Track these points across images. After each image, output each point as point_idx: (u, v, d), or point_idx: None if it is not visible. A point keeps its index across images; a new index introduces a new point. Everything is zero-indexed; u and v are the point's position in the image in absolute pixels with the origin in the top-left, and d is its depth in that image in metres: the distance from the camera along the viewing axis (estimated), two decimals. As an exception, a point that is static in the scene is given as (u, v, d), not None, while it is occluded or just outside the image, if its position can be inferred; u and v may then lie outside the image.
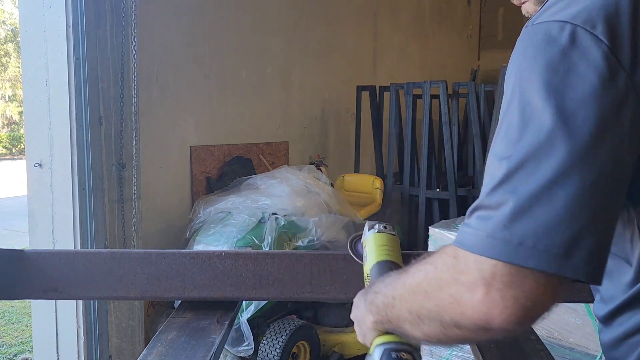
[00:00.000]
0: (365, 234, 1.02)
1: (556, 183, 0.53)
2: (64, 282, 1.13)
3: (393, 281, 0.71)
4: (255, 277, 1.15)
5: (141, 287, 1.14)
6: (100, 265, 1.14)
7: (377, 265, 0.93)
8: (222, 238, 2.80)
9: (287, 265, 1.16)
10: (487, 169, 0.60)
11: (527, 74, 0.57)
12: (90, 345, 2.52)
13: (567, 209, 0.53)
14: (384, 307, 0.70)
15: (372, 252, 0.96)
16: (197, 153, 3.52)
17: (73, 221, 2.46)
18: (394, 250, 0.97)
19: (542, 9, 0.61)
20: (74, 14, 2.38)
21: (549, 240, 0.53)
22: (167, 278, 1.14)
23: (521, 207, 0.54)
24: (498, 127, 0.61)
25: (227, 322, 1.15)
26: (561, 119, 0.54)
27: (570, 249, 0.53)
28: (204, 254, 1.16)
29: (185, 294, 1.15)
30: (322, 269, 1.16)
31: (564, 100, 0.54)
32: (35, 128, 2.58)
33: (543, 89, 0.55)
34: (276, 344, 2.68)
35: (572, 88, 0.54)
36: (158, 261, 1.14)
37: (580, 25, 0.55)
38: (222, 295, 1.15)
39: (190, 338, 1.08)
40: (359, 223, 3.38)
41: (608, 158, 0.54)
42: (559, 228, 0.53)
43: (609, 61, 0.54)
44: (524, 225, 0.54)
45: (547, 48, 0.56)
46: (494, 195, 0.57)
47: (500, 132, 0.60)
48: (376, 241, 0.97)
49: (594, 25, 0.55)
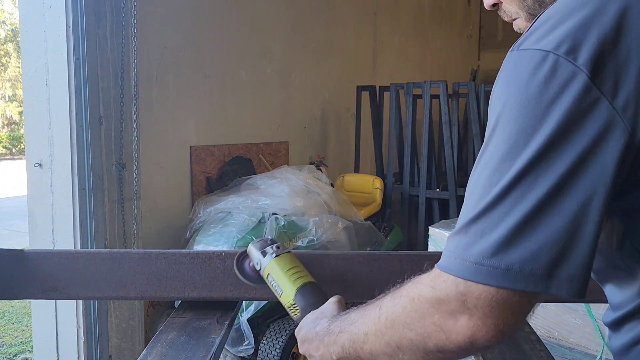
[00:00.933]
0: (262, 261, 0.94)
1: (540, 213, 0.56)
2: (64, 282, 1.13)
3: (360, 317, 0.73)
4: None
5: (141, 287, 1.14)
6: (100, 265, 1.14)
7: (299, 292, 0.89)
8: (222, 238, 2.81)
9: None
10: (469, 192, 0.62)
11: (510, 104, 0.59)
12: (90, 345, 2.52)
13: (552, 235, 0.56)
14: (352, 344, 0.72)
15: (284, 279, 0.90)
16: (197, 153, 3.52)
17: (73, 221, 2.46)
18: (302, 268, 0.92)
19: (529, 29, 0.62)
20: (74, 14, 2.38)
21: (534, 264, 0.56)
22: (167, 278, 1.14)
23: (508, 236, 0.56)
24: (481, 152, 0.62)
25: (227, 322, 1.15)
26: (544, 151, 0.56)
27: (553, 270, 0.56)
28: (203, 254, 1.16)
29: (185, 294, 1.15)
30: (321, 268, 1.16)
31: (548, 133, 0.56)
32: (35, 128, 2.58)
33: (526, 121, 0.57)
34: (276, 344, 2.68)
35: (555, 120, 0.56)
36: (158, 261, 1.15)
37: (562, 55, 0.56)
38: (222, 296, 1.15)
39: (190, 338, 1.08)
40: (360, 223, 3.38)
41: (591, 187, 0.56)
42: (543, 252, 0.56)
43: (589, 91, 0.55)
44: (511, 252, 0.56)
45: (531, 79, 0.57)
46: (479, 223, 0.58)
47: (483, 158, 0.61)
48: (281, 266, 0.92)
49: (575, 55, 0.56)
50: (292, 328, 2.74)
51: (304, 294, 0.89)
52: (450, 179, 4.12)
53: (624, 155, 0.56)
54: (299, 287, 0.89)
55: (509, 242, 0.56)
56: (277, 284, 0.92)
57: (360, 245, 3.28)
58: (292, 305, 0.90)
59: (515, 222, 0.56)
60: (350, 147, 4.79)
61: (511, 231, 0.56)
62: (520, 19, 0.76)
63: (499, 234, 0.57)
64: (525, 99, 0.57)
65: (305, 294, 0.89)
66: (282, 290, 0.91)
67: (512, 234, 0.56)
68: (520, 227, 0.56)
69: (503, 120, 0.59)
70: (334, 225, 3.05)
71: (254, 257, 0.97)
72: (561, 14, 0.59)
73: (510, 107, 0.59)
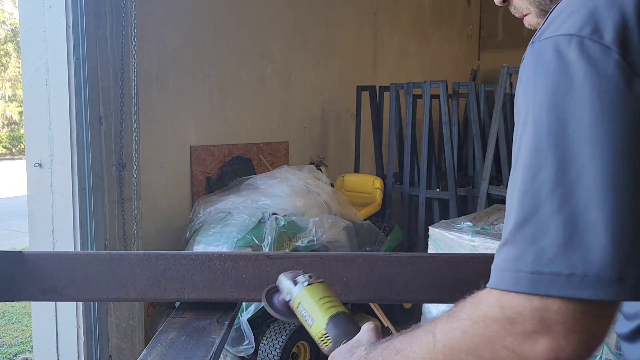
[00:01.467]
0: (292, 290, 0.90)
1: (593, 208, 0.50)
2: (63, 283, 1.13)
3: (407, 346, 0.63)
4: (255, 279, 1.15)
5: (141, 289, 1.14)
6: (100, 267, 1.13)
7: (331, 322, 0.83)
8: (222, 238, 2.80)
9: (287, 267, 1.16)
10: (509, 198, 0.56)
11: (540, 96, 0.55)
12: (90, 345, 2.51)
13: (611, 232, 0.49)
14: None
15: (315, 308, 0.86)
16: (197, 153, 3.52)
17: (73, 221, 2.45)
18: (335, 298, 0.88)
19: (545, 22, 0.59)
20: (74, 14, 2.38)
21: (599, 266, 0.49)
22: (167, 280, 1.14)
23: (565, 236, 0.50)
24: (515, 150, 0.58)
25: (227, 322, 1.15)
26: (584, 136, 0.51)
27: (623, 271, 0.49)
28: (203, 255, 1.16)
29: (185, 296, 1.15)
30: (321, 270, 1.16)
31: (582, 119, 0.52)
32: (35, 128, 2.58)
33: (560, 109, 0.53)
34: (276, 344, 2.68)
35: (589, 105, 0.52)
36: (157, 263, 1.14)
37: (587, 36, 0.53)
38: (222, 297, 1.15)
39: (190, 338, 1.08)
40: (360, 223, 3.38)
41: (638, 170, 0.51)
42: (606, 251, 0.49)
43: (623, 70, 0.52)
44: (570, 254, 0.50)
45: (558, 66, 0.54)
46: (526, 228, 0.52)
47: (521, 155, 0.56)
48: (313, 295, 0.87)
49: (601, 34, 0.53)
50: (292, 328, 2.73)
51: (336, 323, 0.82)
52: (450, 179, 4.12)
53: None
54: (331, 316, 0.84)
55: (567, 240, 0.50)
56: (307, 313, 0.86)
57: (360, 245, 3.28)
58: (323, 336, 0.83)
59: (568, 218, 0.50)
60: (350, 147, 4.79)
61: (568, 228, 0.50)
62: (532, 14, 0.74)
63: (555, 233, 0.50)
64: (556, 85, 0.53)
65: (337, 324, 0.82)
66: (313, 320, 0.85)
67: (569, 230, 0.50)
68: (575, 223, 0.50)
69: (534, 113, 0.55)
70: (334, 225, 3.04)
71: (285, 287, 0.92)
72: (576, 1, 0.57)
73: (540, 100, 0.54)
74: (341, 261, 1.17)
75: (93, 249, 2.47)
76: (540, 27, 0.60)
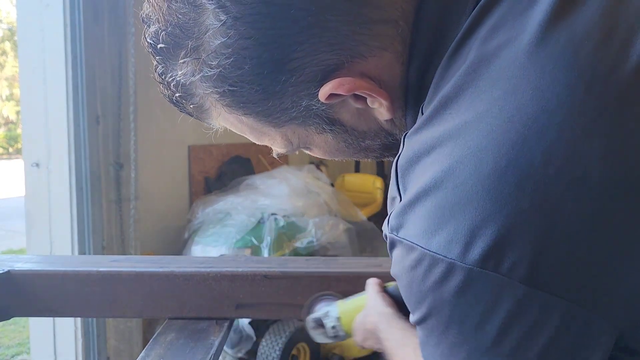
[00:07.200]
0: (329, 310, 0.92)
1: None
2: (58, 303, 1.11)
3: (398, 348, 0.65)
4: (253, 298, 1.14)
5: (137, 308, 1.12)
6: (92, 286, 1.12)
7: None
8: (220, 239, 2.79)
9: (286, 287, 1.14)
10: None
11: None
12: (88, 346, 2.50)
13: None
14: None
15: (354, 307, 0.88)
16: (195, 153, 3.50)
17: (70, 222, 2.44)
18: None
19: (404, 150, 0.44)
20: (71, 12, 2.36)
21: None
22: (163, 298, 1.13)
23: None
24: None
25: (226, 324, 1.13)
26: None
27: None
28: (198, 275, 1.14)
29: (183, 314, 1.14)
30: (321, 290, 1.14)
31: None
32: (32, 127, 2.56)
33: None
34: (276, 345, 2.67)
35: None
36: (151, 282, 1.13)
37: (476, 267, 0.36)
38: (221, 315, 1.14)
39: (189, 340, 1.06)
40: (362, 223, 3.36)
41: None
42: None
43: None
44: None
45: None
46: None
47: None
48: (356, 306, 0.88)
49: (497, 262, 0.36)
50: (292, 330, 2.72)
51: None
52: (450, 179, 4.11)
53: None
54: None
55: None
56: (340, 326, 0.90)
57: (362, 247, 3.27)
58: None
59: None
60: (349, 147, 4.78)
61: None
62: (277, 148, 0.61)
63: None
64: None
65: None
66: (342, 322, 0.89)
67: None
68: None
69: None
70: (334, 227, 3.03)
71: (318, 309, 0.96)
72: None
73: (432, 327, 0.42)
74: (343, 280, 1.14)
75: (91, 250, 2.46)
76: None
